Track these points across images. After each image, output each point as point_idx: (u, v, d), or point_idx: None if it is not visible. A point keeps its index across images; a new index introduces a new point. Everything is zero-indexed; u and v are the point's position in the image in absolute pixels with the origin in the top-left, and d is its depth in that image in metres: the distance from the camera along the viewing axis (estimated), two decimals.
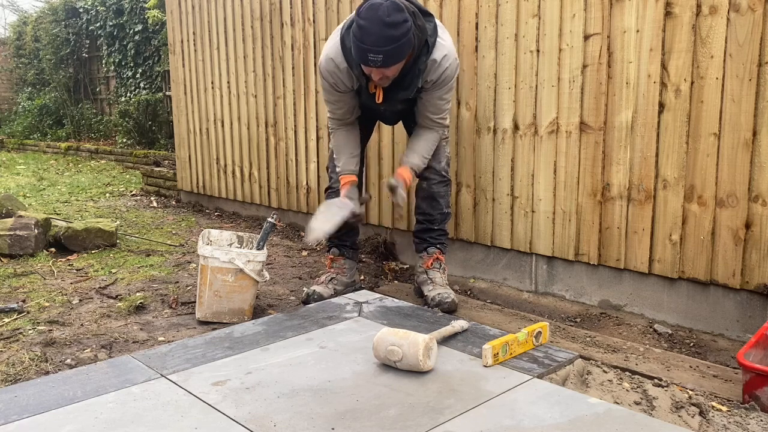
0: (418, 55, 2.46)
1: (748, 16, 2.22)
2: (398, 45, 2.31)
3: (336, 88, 2.65)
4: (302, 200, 4.18)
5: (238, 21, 4.48)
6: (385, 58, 2.33)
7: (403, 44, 2.33)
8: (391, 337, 2.02)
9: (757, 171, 2.26)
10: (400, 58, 2.37)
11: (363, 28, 2.31)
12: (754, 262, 2.30)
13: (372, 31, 2.29)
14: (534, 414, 1.74)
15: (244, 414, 1.75)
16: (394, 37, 2.29)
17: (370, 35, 2.30)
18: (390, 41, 2.30)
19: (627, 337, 2.48)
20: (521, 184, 2.94)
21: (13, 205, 4.12)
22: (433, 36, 2.49)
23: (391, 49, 2.31)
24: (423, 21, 2.44)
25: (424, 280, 2.83)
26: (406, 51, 2.37)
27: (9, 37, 12.36)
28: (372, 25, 2.29)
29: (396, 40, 2.30)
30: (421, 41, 2.43)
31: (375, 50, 2.30)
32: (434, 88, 2.59)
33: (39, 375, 2.11)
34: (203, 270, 2.59)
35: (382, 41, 2.29)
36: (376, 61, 2.33)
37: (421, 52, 2.46)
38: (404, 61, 2.42)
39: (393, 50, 2.32)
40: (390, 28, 2.28)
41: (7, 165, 8.47)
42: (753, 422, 1.77)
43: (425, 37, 2.44)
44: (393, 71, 2.42)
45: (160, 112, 8.22)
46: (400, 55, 2.35)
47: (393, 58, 2.34)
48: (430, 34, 2.47)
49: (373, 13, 2.30)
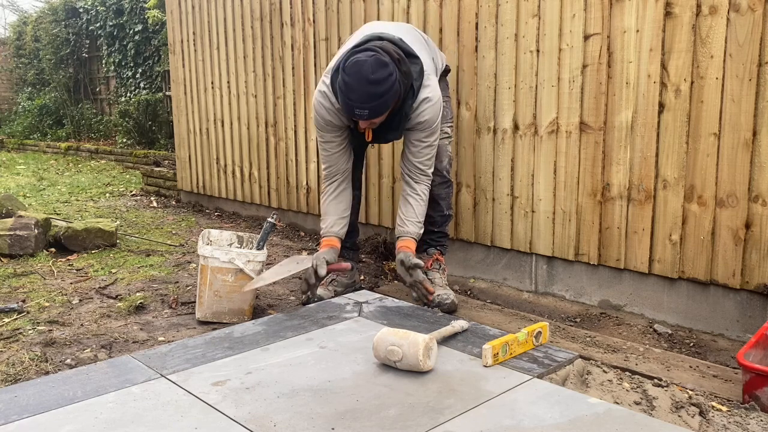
0: (404, 100, 2.51)
1: (748, 16, 2.22)
2: (382, 101, 2.37)
3: (331, 125, 2.67)
4: (302, 200, 4.18)
5: (238, 21, 4.48)
6: (371, 113, 2.39)
7: (388, 99, 2.38)
8: (391, 337, 2.02)
9: (757, 171, 2.26)
10: (384, 110, 2.42)
11: (348, 85, 2.37)
12: (754, 262, 2.30)
13: (356, 88, 2.36)
14: (534, 414, 1.74)
15: (244, 414, 1.75)
16: (378, 94, 2.35)
17: (355, 92, 2.36)
18: (374, 98, 2.35)
19: (627, 337, 2.48)
20: (521, 184, 2.94)
21: (13, 205, 4.12)
22: (419, 80, 2.53)
23: (375, 105, 2.37)
24: (408, 66, 2.47)
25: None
26: (391, 103, 2.42)
27: (9, 37, 12.36)
28: (356, 82, 2.35)
29: (380, 96, 2.36)
30: (407, 87, 2.48)
31: (360, 106, 2.37)
32: (414, 129, 2.61)
33: (39, 375, 2.11)
34: (203, 270, 2.59)
35: (367, 98, 2.35)
36: (362, 116, 2.40)
37: (407, 96, 2.51)
38: (390, 110, 2.47)
39: (377, 105, 2.38)
40: (374, 85, 2.34)
41: (7, 165, 8.47)
42: (753, 422, 1.77)
43: (410, 82, 2.49)
44: (379, 120, 2.49)
45: (160, 112, 8.22)
46: (383, 108, 2.41)
47: (377, 113, 2.41)
48: (415, 78, 2.51)
49: (358, 69, 2.35)
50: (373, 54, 2.38)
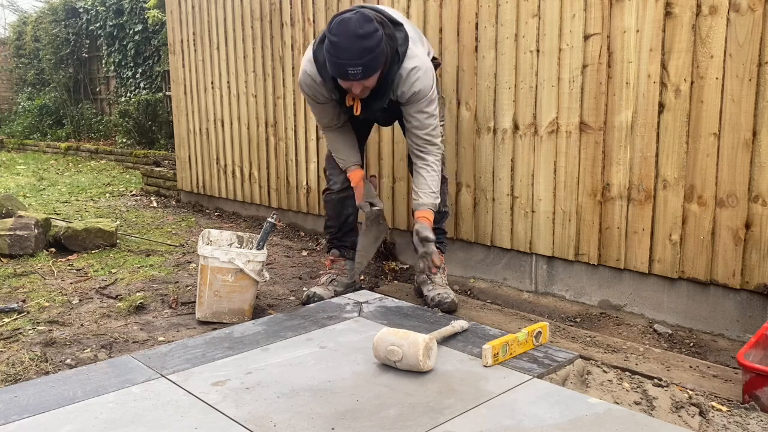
0: (390, 65, 2.48)
1: (748, 16, 2.22)
2: (374, 55, 2.35)
3: (316, 100, 2.70)
4: (302, 200, 4.17)
5: (238, 21, 4.48)
6: (365, 70, 2.35)
7: (378, 54, 2.36)
8: (391, 337, 2.02)
9: (757, 171, 2.26)
10: (378, 67, 2.40)
11: (337, 45, 2.34)
12: (754, 262, 2.30)
13: (346, 45, 2.32)
14: (534, 414, 1.74)
15: (244, 414, 1.75)
16: (369, 48, 2.33)
17: (346, 50, 2.33)
18: (366, 52, 2.33)
19: (627, 337, 2.48)
20: (521, 184, 2.94)
21: (13, 205, 4.12)
22: (404, 45, 2.51)
23: (368, 60, 2.34)
24: (392, 30, 2.47)
25: (423, 281, 2.83)
26: (382, 59, 2.40)
27: (9, 37, 12.36)
28: (345, 40, 2.32)
29: (371, 50, 2.33)
30: (393, 49, 2.46)
31: (353, 63, 2.33)
32: (411, 102, 2.58)
33: (39, 375, 2.11)
34: (203, 270, 2.59)
35: (359, 54, 2.32)
36: (356, 74, 2.35)
37: (393, 61, 2.48)
38: (381, 69, 2.44)
39: (370, 61, 2.34)
40: (363, 39, 2.32)
41: (7, 165, 8.47)
42: (753, 422, 1.77)
43: (396, 46, 2.47)
44: (372, 81, 2.45)
45: (160, 112, 8.22)
46: (377, 64, 2.38)
47: (371, 69, 2.37)
48: (400, 43, 2.50)
49: (345, 27, 2.33)
50: (356, 12, 2.38)
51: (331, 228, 3.01)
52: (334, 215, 2.97)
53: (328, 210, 3.01)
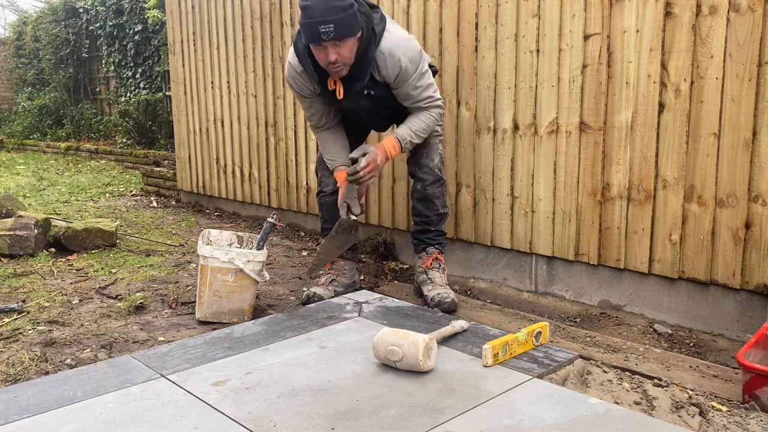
0: (368, 44, 2.46)
1: (748, 16, 2.22)
2: (347, 14, 2.32)
3: (302, 94, 2.71)
4: (302, 200, 4.18)
5: (238, 21, 4.48)
6: (337, 27, 2.31)
7: (351, 15, 2.34)
8: (391, 337, 2.02)
9: (757, 171, 2.26)
10: (352, 29, 2.36)
11: (308, 7, 2.33)
12: (754, 262, 2.30)
13: (318, 5, 2.31)
14: (534, 414, 1.74)
15: (244, 414, 1.75)
16: (341, 6, 2.31)
17: (317, 9, 2.31)
18: (338, 11, 2.31)
19: (627, 337, 2.48)
20: (521, 184, 2.94)
21: (13, 205, 4.12)
22: (381, 24, 2.50)
23: (341, 17, 2.31)
24: (367, 9, 2.47)
25: (423, 280, 2.83)
26: (356, 25, 2.37)
27: (9, 37, 12.36)
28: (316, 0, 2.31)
29: (343, 9, 2.32)
30: (369, 27, 2.44)
31: (324, 21, 2.30)
32: (401, 82, 2.58)
33: (39, 375, 2.11)
34: (203, 270, 2.59)
35: (331, 11, 2.30)
36: (329, 32, 2.31)
37: (370, 40, 2.46)
38: (356, 38, 2.41)
39: (343, 19, 2.32)
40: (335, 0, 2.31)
41: (7, 165, 8.47)
42: (753, 422, 1.77)
43: (372, 24, 2.46)
44: (347, 49, 2.40)
45: (160, 112, 8.22)
46: (350, 25, 2.35)
47: (344, 28, 2.34)
48: (376, 22, 2.48)
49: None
50: None
51: (328, 230, 3.00)
52: (329, 217, 2.95)
53: (323, 212, 3.01)
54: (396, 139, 2.66)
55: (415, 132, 2.68)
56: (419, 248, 2.90)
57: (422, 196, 2.83)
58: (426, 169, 2.80)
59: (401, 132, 2.67)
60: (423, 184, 2.81)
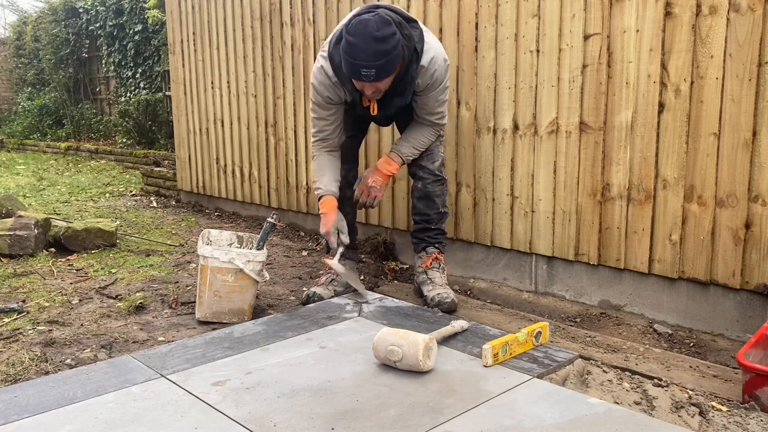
0: (408, 63, 2.51)
1: (748, 16, 2.22)
2: (389, 59, 2.36)
3: (329, 101, 2.70)
4: (302, 200, 4.17)
5: (238, 21, 4.48)
6: (378, 72, 2.37)
7: (394, 57, 2.38)
8: (391, 337, 2.02)
9: (756, 171, 2.26)
10: (392, 70, 2.42)
11: (353, 45, 2.36)
12: (753, 262, 2.30)
13: (362, 47, 2.34)
14: (534, 414, 1.74)
15: (244, 414, 1.75)
16: (385, 51, 2.35)
17: (362, 51, 2.35)
18: (381, 55, 2.34)
19: (627, 337, 2.48)
20: (521, 184, 2.94)
21: (13, 205, 4.12)
22: (420, 42, 2.54)
23: (382, 63, 2.36)
24: (409, 29, 2.49)
25: (423, 280, 2.83)
26: (397, 63, 2.42)
27: (9, 37, 12.35)
28: (362, 41, 2.34)
29: (386, 54, 2.35)
30: (410, 50, 2.48)
31: (367, 65, 2.35)
32: (427, 91, 2.64)
33: (39, 375, 2.11)
34: (203, 270, 2.59)
35: (373, 56, 2.34)
36: (369, 76, 2.38)
37: (411, 59, 2.51)
38: (395, 73, 2.46)
39: (384, 64, 2.36)
40: (380, 42, 2.33)
41: (7, 165, 8.47)
42: (753, 422, 1.77)
43: (413, 45, 2.49)
44: (385, 84, 2.47)
45: (160, 112, 8.22)
46: (391, 67, 2.40)
47: (385, 72, 2.39)
48: (417, 41, 2.52)
49: (363, 28, 2.34)
50: (375, 13, 2.39)
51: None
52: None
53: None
54: (394, 155, 2.78)
55: (416, 148, 2.78)
56: (419, 248, 2.90)
57: (423, 194, 2.84)
58: (427, 171, 2.82)
59: (403, 149, 2.77)
60: (424, 183, 2.83)
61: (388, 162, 2.78)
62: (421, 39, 2.54)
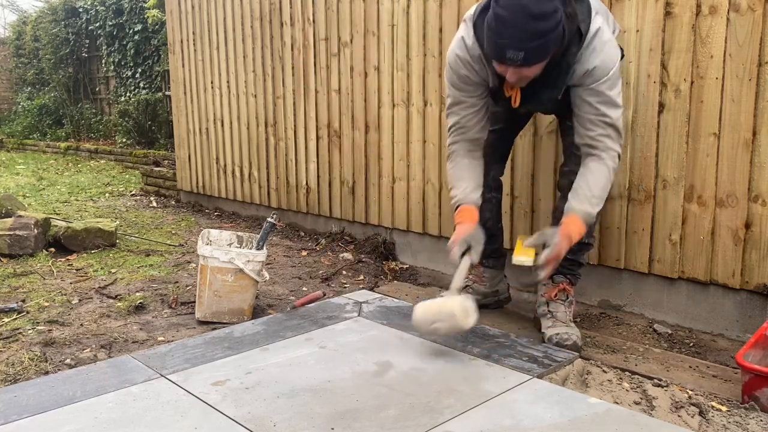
0: (567, 47, 1.98)
1: (748, 16, 2.22)
2: (544, 41, 1.87)
3: (466, 81, 2.19)
4: (302, 200, 4.17)
5: (238, 21, 4.48)
6: (527, 56, 1.89)
7: (550, 40, 1.89)
8: (429, 316, 2.13)
9: (756, 171, 2.26)
10: (544, 56, 1.93)
11: (502, 20, 1.87)
12: (753, 262, 2.30)
13: (513, 23, 1.85)
14: (534, 414, 1.74)
15: (244, 414, 1.75)
16: (541, 31, 1.85)
17: (511, 28, 1.86)
18: (535, 37, 1.86)
19: (627, 337, 2.48)
20: (521, 184, 2.94)
21: (13, 205, 4.12)
22: (587, 20, 2.00)
23: (535, 46, 1.87)
24: (574, 6, 1.98)
25: (544, 313, 2.40)
26: (552, 48, 1.92)
27: (9, 37, 12.35)
28: (514, 16, 1.85)
29: (542, 35, 1.86)
30: (572, 31, 1.96)
31: (515, 47, 1.87)
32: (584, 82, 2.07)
33: (39, 375, 2.11)
34: (203, 270, 2.59)
35: (525, 37, 1.85)
36: (515, 60, 1.89)
37: (572, 42, 1.98)
38: (548, 59, 1.96)
39: (537, 47, 1.88)
40: (536, 20, 1.84)
41: (6, 165, 8.47)
42: (753, 422, 1.77)
43: (576, 25, 1.97)
44: (533, 71, 1.97)
45: (160, 112, 8.22)
46: (543, 54, 1.91)
47: (535, 57, 1.91)
48: (582, 18, 1.99)
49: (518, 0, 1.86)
50: None
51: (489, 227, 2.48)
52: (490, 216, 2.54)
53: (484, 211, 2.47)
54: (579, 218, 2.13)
55: (599, 198, 2.13)
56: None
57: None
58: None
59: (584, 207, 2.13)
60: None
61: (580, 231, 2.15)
62: (588, 16, 2.01)
